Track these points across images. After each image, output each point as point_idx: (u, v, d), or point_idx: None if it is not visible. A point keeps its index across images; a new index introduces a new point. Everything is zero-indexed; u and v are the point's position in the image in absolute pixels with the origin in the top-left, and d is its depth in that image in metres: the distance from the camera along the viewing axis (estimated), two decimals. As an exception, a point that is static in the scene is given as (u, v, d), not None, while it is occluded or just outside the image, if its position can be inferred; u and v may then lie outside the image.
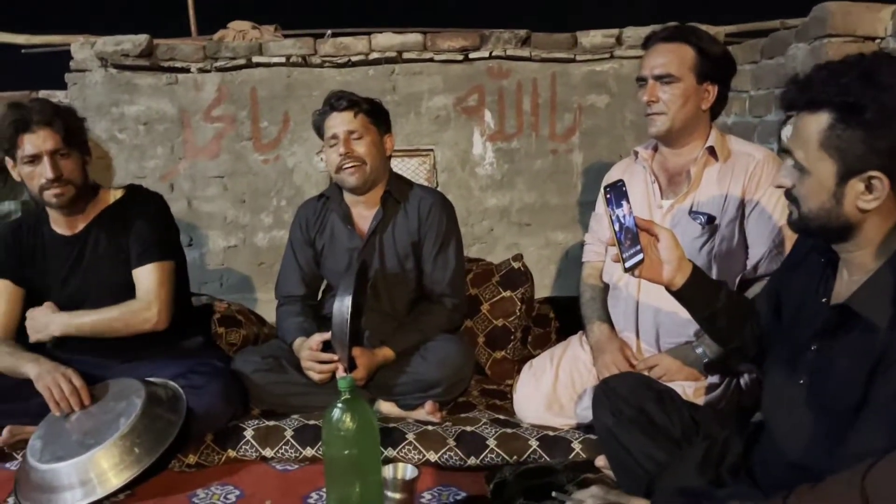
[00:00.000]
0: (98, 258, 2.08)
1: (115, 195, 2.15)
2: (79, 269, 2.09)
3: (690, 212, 1.94)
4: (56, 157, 1.95)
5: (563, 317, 2.49)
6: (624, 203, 1.42)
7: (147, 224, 2.09)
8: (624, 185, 1.44)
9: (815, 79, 1.19)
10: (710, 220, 1.91)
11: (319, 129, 2.25)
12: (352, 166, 2.15)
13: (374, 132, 2.21)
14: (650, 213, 2.01)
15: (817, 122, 1.18)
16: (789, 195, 1.28)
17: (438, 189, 3.45)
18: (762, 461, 1.44)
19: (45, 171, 1.93)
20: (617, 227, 1.40)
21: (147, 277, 2.05)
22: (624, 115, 3.35)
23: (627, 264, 1.42)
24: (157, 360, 2.09)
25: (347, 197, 2.28)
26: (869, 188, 1.15)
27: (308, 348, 2.07)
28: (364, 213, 2.27)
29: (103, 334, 2.03)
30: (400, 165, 3.45)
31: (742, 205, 1.91)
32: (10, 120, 1.94)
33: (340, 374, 2.00)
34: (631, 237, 1.43)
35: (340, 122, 2.16)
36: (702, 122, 1.98)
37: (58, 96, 3.55)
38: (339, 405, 1.46)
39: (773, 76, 2.38)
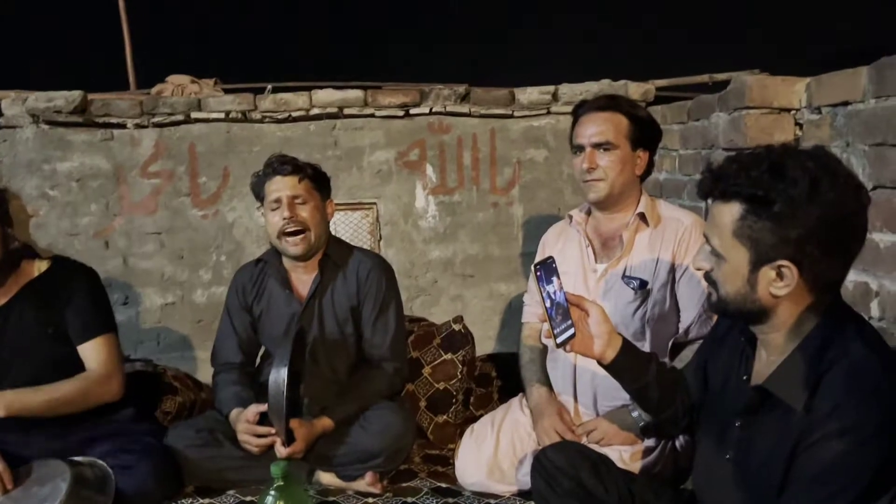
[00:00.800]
0: (22, 333, 2.01)
1: (40, 267, 2.08)
2: (1, 343, 2.01)
3: (623, 276, 1.98)
4: None
5: (505, 376, 2.50)
6: (554, 279, 1.45)
7: (85, 298, 2.07)
8: (554, 261, 1.47)
9: (727, 171, 1.24)
10: (643, 284, 1.95)
11: (259, 193, 2.22)
12: (295, 231, 2.13)
13: (318, 198, 2.21)
14: (585, 276, 2.04)
15: (730, 211, 1.23)
16: (708, 278, 1.33)
17: (382, 242, 3.46)
18: (696, 532, 1.47)
19: None
20: (548, 303, 1.42)
21: (99, 351, 2.04)
22: (562, 168, 3.42)
23: (559, 339, 1.44)
24: (84, 436, 2.02)
25: (286, 261, 2.26)
26: (780, 276, 1.20)
27: (244, 420, 2.02)
28: (303, 278, 2.25)
29: (57, 413, 1.95)
30: (343, 219, 3.44)
31: (672, 269, 1.96)
32: None
33: (279, 447, 1.96)
34: (562, 312, 1.45)
35: (284, 187, 2.14)
36: (635, 187, 2.04)
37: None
38: (272, 493, 1.43)
39: (700, 138, 2.47)
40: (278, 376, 1.88)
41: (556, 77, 3.37)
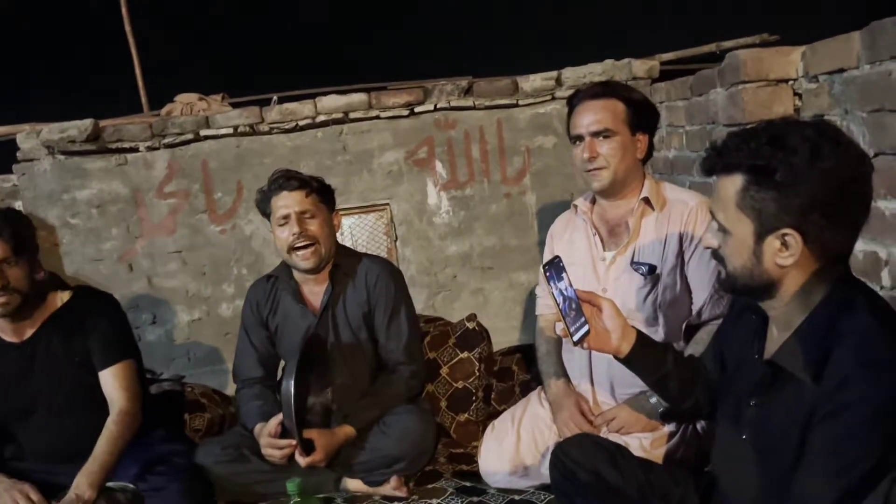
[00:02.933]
0: (50, 364, 2.07)
1: (63, 297, 2.14)
2: (30, 375, 2.07)
3: (632, 262, 1.96)
4: (3, 266, 1.94)
5: (526, 369, 2.48)
6: (564, 276, 1.44)
7: (108, 325, 2.11)
8: (560, 260, 1.46)
9: (728, 144, 1.25)
10: (652, 269, 1.93)
11: (265, 209, 2.24)
12: (305, 246, 2.14)
13: (325, 210, 2.22)
14: (594, 265, 2.03)
15: (733, 184, 1.23)
16: (717, 255, 1.32)
17: (398, 242, 3.48)
18: (718, 515, 1.46)
19: None
20: (560, 300, 1.41)
21: (120, 377, 2.07)
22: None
23: (575, 337, 1.42)
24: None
25: (297, 275, 2.28)
26: (784, 245, 1.20)
27: (266, 433, 2.05)
28: (315, 290, 2.27)
29: (119, 455, 1.97)
30: (358, 222, 3.47)
31: (681, 252, 1.94)
32: None
33: (298, 457, 1.99)
34: (575, 309, 1.44)
35: (292, 202, 2.15)
36: (637, 172, 2.02)
37: (11, 180, 3.54)
38: (291, 508, 1.46)
39: (703, 113, 2.42)
40: (287, 388, 1.91)
41: (561, 61, 3.33)
